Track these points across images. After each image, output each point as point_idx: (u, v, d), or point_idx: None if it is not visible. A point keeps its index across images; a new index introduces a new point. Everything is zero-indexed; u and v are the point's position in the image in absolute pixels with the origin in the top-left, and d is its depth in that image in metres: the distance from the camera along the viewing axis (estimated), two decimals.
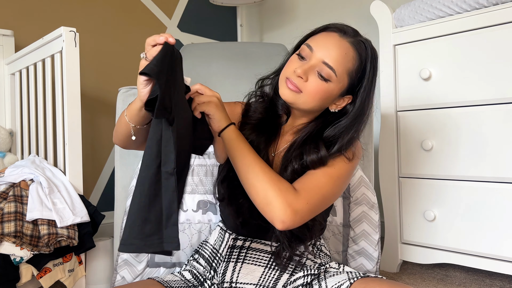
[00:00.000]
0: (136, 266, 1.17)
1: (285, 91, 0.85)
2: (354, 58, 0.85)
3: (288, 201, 0.77)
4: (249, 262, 0.92)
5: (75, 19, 1.97)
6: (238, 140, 0.81)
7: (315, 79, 0.83)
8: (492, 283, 1.47)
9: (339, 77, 0.84)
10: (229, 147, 0.82)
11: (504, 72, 1.34)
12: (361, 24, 2.20)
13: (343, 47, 0.84)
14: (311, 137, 0.89)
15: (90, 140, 2.01)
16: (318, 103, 0.86)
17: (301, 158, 0.87)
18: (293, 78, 0.84)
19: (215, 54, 1.95)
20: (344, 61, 0.84)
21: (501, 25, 1.34)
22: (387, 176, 1.61)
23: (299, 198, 0.78)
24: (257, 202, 0.79)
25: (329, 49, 0.84)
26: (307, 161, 0.85)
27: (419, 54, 1.53)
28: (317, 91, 0.84)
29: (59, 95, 1.33)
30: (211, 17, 2.58)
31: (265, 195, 0.77)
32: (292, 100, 0.85)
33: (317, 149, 0.86)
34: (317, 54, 0.84)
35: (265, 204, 0.77)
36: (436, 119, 1.49)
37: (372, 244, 1.22)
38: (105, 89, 2.05)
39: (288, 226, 0.77)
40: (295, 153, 0.88)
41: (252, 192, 0.79)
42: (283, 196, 0.77)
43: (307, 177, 0.84)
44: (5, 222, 1.09)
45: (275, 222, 0.76)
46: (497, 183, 1.36)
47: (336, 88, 0.85)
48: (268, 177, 0.78)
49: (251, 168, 0.79)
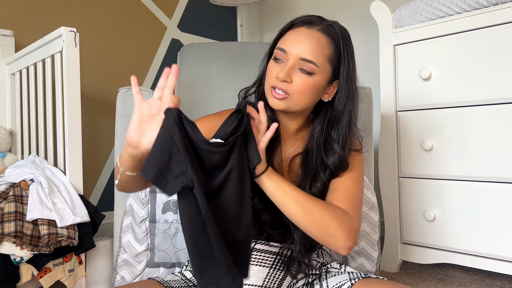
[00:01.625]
0: (136, 266, 1.17)
1: (274, 101, 0.85)
2: (329, 44, 0.85)
3: (347, 227, 0.80)
4: (254, 263, 0.92)
5: (75, 19, 1.97)
6: (280, 183, 0.80)
7: (300, 77, 0.83)
8: (492, 283, 1.47)
9: (321, 67, 0.84)
10: (271, 191, 0.80)
11: (504, 72, 1.34)
12: (361, 24, 2.20)
13: (314, 38, 0.84)
14: (323, 139, 0.89)
15: (90, 140, 2.01)
16: (309, 99, 0.86)
17: (324, 165, 0.88)
18: (278, 84, 0.83)
19: (215, 54, 1.95)
20: (320, 50, 0.84)
21: (501, 25, 1.34)
22: (387, 176, 1.61)
23: (352, 219, 0.82)
24: (318, 237, 0.81)
25: (301, 44, 0.84)
26: (330, 167, 0.87)
27: (419, 54, 1.53)
28: (305, 88, 0.83)
29: (59, 95, 1.33)
30: (211, 17, 2.58)
31: (326, 230, 0.79)
32: (284, 107, 0.85)
33: (332, 150, 0.88)
34: (292, 53, 0.84)
35: (328, 236, 0.80)
36: (436, 119, 1.49)
37: (372, 244, 1.22)
38: (105, 89, 2.05)
39: (352, 247, 0.81)
40: (317, 161, 0.89)
41: (311, 231, 0.80)
42: (343, 224, 0.80)
43: (341, 192, 0.86)
44: (5, 222, 1.09)
45: (341, 250, 0.80)
46: (497, 183, 1.36)
47: (322, 79, 0.85)
48: (323, 210, 0.80)
49: (304, 208, 0.79)
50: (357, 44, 2.55)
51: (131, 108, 1.25)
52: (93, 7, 2.04)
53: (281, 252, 0.92)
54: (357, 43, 2.21)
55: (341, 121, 0.88)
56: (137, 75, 2.21)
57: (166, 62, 2.33)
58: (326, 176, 0.88)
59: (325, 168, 0.88)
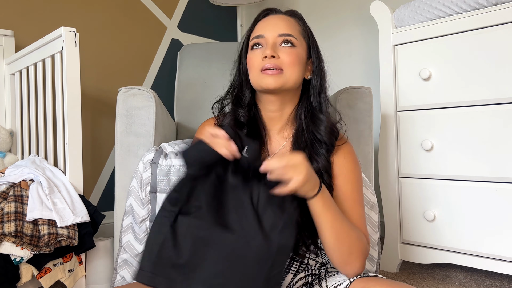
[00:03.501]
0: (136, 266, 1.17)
1: (269, 80, 0.85)
2: (297, 22, 0.92)
3: (364, 257, 0.83)
4: None
5: (75, 19, 1.97)
6: (328, 204, 0.79)
7: (285, 51, 0.87)
8: (492, 283, 1.47)
9: (298, 40, 0.89)
10: (318, 212, 0.79)
11: (504, 72, 1.34)
12: (361, 24, 2.20)
13: (284, 18, 0.91)
14: (309, 115, 0.92)
15: (90, 140, 2.01)
16: (299, 71, 0.89)
17: (318, 139, 0.90)
18: (267, 63, 0.85)
19: (215, 54, 1.95)
20: (292, 26, 0.90)
21: (501, 25, 1.34)
22: (387, 176, 1.61)
23: (368, 243, 0.85)
24: (336, 262, 0.82)
25: (275, 24, 0.89)
26: (324, 138, 0.89)
27: (419, 54, 1.53)
28: (293, 59, 0.87)
29: (59, 95, 1.33)
30: (211, 17, 2.58)
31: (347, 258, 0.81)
32: (280, 84, 0.86)
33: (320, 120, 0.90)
34: (270, 34, 0.88)
35: (345, 264, 0.81)
36: (436, 119, 1.49)
37: (372, 244, 1.22)
38: (105, 89, 2.05)
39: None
40: (310, 137, 0.90)
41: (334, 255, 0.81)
42: (362, 256, 0.82)
43: (351, 212, 0.87)
44: (5, 222, 1.09)
45: (350, 275, 0.82)
46: (496, 183, 1.36)
47: (302, 51, 0.90)
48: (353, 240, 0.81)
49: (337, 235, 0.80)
50: (357, 44, 2.56)
51: (131, 108, 1.25)
52: (93, 7, 2.04)
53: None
54: (357, 43, 2.23)
55: (321, 93, 0.92)
56: (137, 75, 2.21)
57: (166, 62, 2.33)
58: (325, 151, 0.89)
59: (320, 142, 0.90)
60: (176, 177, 1.15)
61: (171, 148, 1.20)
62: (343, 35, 2.26)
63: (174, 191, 0.72)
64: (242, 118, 0.92)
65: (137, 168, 1.18)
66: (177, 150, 1.18)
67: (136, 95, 1.25)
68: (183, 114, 1.85)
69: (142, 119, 1.24)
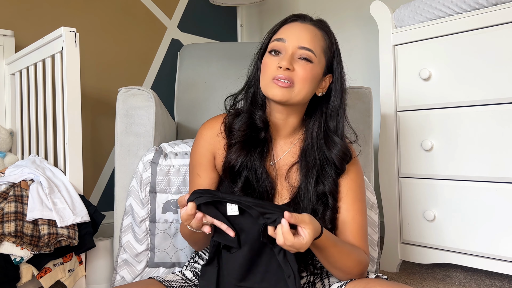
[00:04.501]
0: (136, 266, 1.17)
1: (277, 91, 0.85)
2: (323, 36, 0.89)
3: (364, 268, 0.85)
4: None
5: (75, 19, 1.97)
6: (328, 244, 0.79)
7: (301, 64, 0.85)
8: (491, 283, 1.47)
9: (318, 57, 0.87)
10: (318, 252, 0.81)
11: (504, 72, 1.34)
12: (361, 24, 2.21)
13: (310, 30, 0.88)
14: (322, 134, 0.91)
15: (90, 140, 2.01)
16: (309, 88, 0.87)
17: (328, 160, 0.89)
18: (281, 74, 0.84)
19: (215, 54, 1.95)
20: (316, 41, 0.87)
21: (501, 25, 1.34)
22: (387, 176, 1.61)
23: (367, 256, 0.87)
24: (338, 276, 0.85)
25: (300, 34, 0.86)
26: (335, 160, 0.89)
27: (419, 54, 1.53)
28: (307, 75, 0.85)
29: (59, 95, 1.33)
30: (211, 17, 2.58)
31: (347, 273, 0.83)
32: (287, 97, 0.85)
33: (334, 143, 0.90)
34: (291, 43, 0.86)
35: (346, 276, 0.84)
36: (436, 119, 1.49)
37: (372, 244, 1.22)
38: (105, 89, 2.05)
39: None
40: (319, 157, 0.90)
41: (335, 273, 0.85)
42: (362, 268, 0.84)
43: (352, 229, 0.88)
44: (5, 222, 1.09)
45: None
46: (496, 183, 1.36)
47: (318, 69, 0.88)
48: (351, 261, 0.82)
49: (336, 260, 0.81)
50: (357, 44, 2.56)
51: (131, 108, 1.25)
52: (93, 7, 2.04)
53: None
54: (357, 43, 2.23)
55: (339, 114, 0.91)
56: (137, 75, 2.21)
57: (166, 62, 2.33)
58: (335, 174, 0.89)
59: (331, 164, 0.89)
60: (176, 177, 1.15)
61: (171, 148, 1.20)
62: (343, 35, 2.26)
63: None
64: (259, 122, 0.91)
65: (137, 168, 1.18)
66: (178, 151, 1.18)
67: (136, 95, 1.25)
68: (183, 114, 1.86)
69: (142, 119, 1.24)
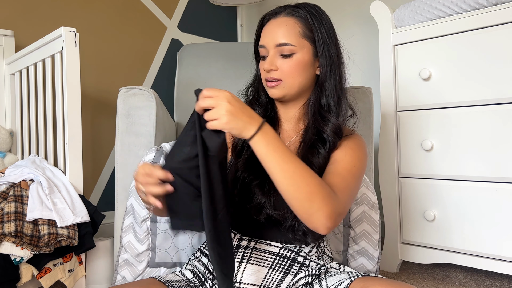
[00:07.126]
0: (137, 266, 1.17)
1: (271, 91, 0.92)
2: (296, 22, 0.91)
3: (332, 207, 0.76)
4: (253, 262, 0.92)
5: (75, 19, 1.97)
6: (274, 146, 0.74)
7: (282, 61, 0.89)
8: (492, 283, 1.47)
9: (298, 45, 0.89)
10: (262, 154, 0.74)
11: (504, 72, 1.34)
12: (361, 24, 2.21)
13: (280, 23, 0.90)
14: (317, 109, 0.93)
15: (90, 140, 2.01)
16: (300, 77, 0.91)
17: (321, 137, 0.90)
18: (268, 75, 0.90)
19: (215, 54, 1.95)
20: (289, 31, 0.89)
21: (501, 25, 1.35)
22: (387, 176, 1.61)
23: (339, 202, 0.78)
24: (299, 213, 0.77)
25: (273, 33, 0.90)
26: (328, 136, 0.89)
27: (419, 54, 1.53)
28: (291, 68, 0.89)
29: (59, 95, 1.33)
30: (211, 17, 2.58)
31: (309, 207, 0.75)
32: (282, 94, 0.91)
33: (325, 118, 0.91)
34: (269, 44, 0.90)
35: (309, 215, 0.75)
36: (436, 119, 1.49)
37: (373, 244, 1.22)
38: (106, 89, 2.05)
39: (332, 228, 0.77)
40: (314, 133, 0.91)
41: (294, 204, 0.76)
42: (328, 204, 0.75)
43: (334, 177, 0.84)
44: (5, 222, 1.09)
45: (320, 228, 0.76)
46: (496, 183, 1.36)
47: (304, 54, 0.90)
48: (312, 186, 0.75)
49: (292, 180, 0.75)
50: (357, 44, 2.57)
51: (132, 108, 1.25)
52: (93, 7, 2.04)
53: (281, 253, 0.92)
54: (357, 43, 2.23)
55: (327, 88, 0.92)
56: (137, 75, 2.21)
57: (166, 62, 2.33)
58: (325, 150, 0.89)
59: (323, 141, 0.90)
60: None
61: None
62: (343, 35, 2.26)
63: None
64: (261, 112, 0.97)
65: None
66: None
67: (137, 95, 1.25)
68: (183, 114, 1.86)
69: (142, 119, 1.24)
